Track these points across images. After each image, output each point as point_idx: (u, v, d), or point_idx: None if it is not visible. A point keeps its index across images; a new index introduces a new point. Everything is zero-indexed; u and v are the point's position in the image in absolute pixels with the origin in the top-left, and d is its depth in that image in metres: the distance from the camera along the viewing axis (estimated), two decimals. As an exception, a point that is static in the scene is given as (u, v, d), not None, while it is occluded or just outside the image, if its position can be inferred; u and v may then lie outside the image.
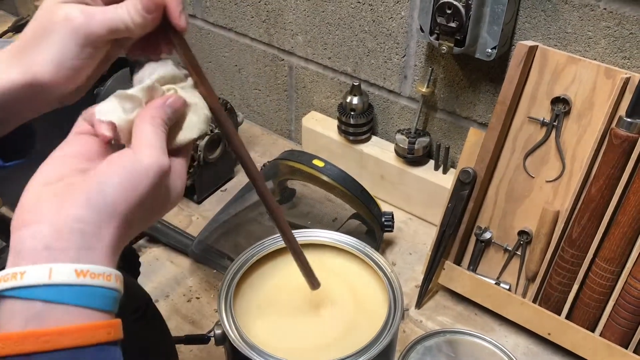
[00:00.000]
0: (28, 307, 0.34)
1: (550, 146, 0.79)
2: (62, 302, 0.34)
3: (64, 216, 0.35)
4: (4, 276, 0.34)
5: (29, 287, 0.34)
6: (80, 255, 0.35)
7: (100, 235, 0.36)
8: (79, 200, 0.36)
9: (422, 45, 0.93)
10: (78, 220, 0.35)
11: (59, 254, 0.35)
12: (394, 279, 0.63)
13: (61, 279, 0.34)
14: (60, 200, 0.36)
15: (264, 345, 0.56)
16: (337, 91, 1.08)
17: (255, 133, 1.24)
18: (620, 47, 0.75)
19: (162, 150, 0.40)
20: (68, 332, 0.34)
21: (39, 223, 0.35)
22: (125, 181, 0.37)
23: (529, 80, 0.78)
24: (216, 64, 1.24)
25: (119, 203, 0.37)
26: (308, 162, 0.91)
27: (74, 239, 0.35)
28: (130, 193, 0.37)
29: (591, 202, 0.75)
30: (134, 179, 0.37)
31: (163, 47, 0.45)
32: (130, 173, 0.37)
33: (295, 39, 1.07)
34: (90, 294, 0.35)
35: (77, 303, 0.34)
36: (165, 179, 0.40)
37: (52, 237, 0.35)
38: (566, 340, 0.80)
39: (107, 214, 0.36)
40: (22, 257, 0.35)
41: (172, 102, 0.42)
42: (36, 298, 0.34)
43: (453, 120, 0.97)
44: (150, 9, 0.41)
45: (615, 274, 0.75)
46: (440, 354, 0.79)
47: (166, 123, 0.41)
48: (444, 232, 0.84)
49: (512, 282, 0.86)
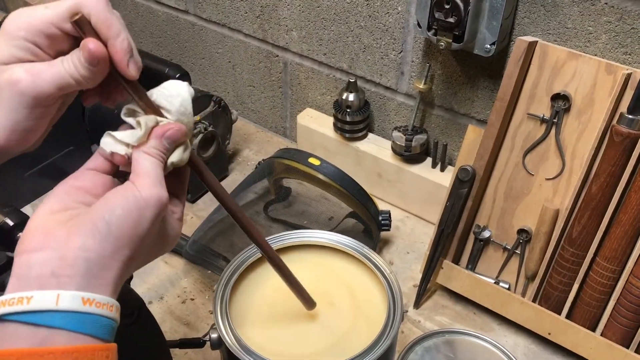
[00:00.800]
0: (33, 332, 0.34)
1: (550, 143, 0.78)
2: (67, 329, 0.35)
3: (71, 244, 0.36)
4: (9, 300, 0.34)
5: (35, 312, 0.34)
6: (86, 283, 0.36)
7: (105, 265, 0.37)
8: (85, 229, 0.37)
9: (419, 41, 0.91)
10: (84, 249, 0.36)
11: (66, 280, 0.35)
12: (393, 281, 0.61)
13: (68, 305, 0.35)
14: (67, 229, 0.37)
15: (261, 350, 0.55)
16: (332, 88, 1.07)
17: (250, 130, 1.23)
18: (621, 43, 0.74)
19: (160, 183, 0.41)
20: (70, 352, 0.34)
21: (45, 250, 0.36)
22: (127, 212, 0.38)
23: (528, 77, 0.77)
24: (209, 60, 1.22)
25: (123, 233, 0.38)
26: (304, 160, 0.89)
27: (80, 266, 0.36)
28: (134, 223, 0.38)
29: (592, 200, 0.74)
30: (136, 211, 0.39)
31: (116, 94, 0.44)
32: (131, 204, 0.39)
33: (289, 35, 1.06)
34: (94, 322, 0.36)
35: (81, 330, 0.35)
36: (164, 210, 0.41)
37: (59, 264, 0.36)
38: (566, 340, 0.79)
39: (112, 244, 0.37)
40: (27, 283, 0.35)
41: (171, 134, 0.42)
42: (42, 324, 0.34)
43: (451, 117, 0.95)
44: (93, 62, 0.39)
45: (616, 273, 0.74)
46: (439, 354, 0.78)
47: (163, 154, 0.42)
48: (442, 230, 0.83)
49: (511, 281, 0.85)
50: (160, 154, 0.42)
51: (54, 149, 1.04)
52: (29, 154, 1.11)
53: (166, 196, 0.41)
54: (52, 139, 1.02)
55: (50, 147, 1.04)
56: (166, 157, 0.43)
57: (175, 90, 0.44)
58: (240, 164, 1.14)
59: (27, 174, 1.01)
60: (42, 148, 1.03)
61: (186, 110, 0.44)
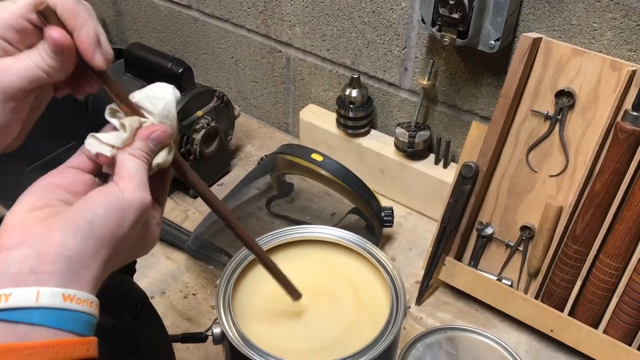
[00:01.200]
0: (12, 329, 0.34)
1: (554, 140, 0.77)
2: (47, 325, 0.34)
3: (51, 241, 0.35)
4: None
5: (14, 310, 0.34)
6: (66, 281, 0.35)
7: (85, 264, 0.36)
8: (66, 227, 0.36)
9: (423, 37, 0.91)
10: (65, 247, 0.36)
11: (45, 277, 0.35)
12: (396, 277, 0.61)
13: (48, 302, 0.34)
14: (46, 226, 0.36)
15: (264, 345, 0.55)
16: (335, 84, 1.06)
17: (252, 126, 1.22)
18: (626, 39, 0.74)
19: (144, 185, 0.40)
20: (51, 346, 0.34)
21: (23, 247, 0.35)
22: (110, 213, 0.38)
23: (532, 73, 0.77)
24: (212, 55, 1.22)
25: (105, 234, 0.37)
26: (307, 156, 0.89)
27: (60, 264, 0.35)
28: (115, 225, 0.38)
29: (595, 197, 0.73)
30: (118, 212, 0.38)
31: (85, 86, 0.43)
32: (114, 205, 0.38)
33: (293, 31, 1.05)
34: (75, 318, 0.35)
35: (61, 327, 0.34)
36: (146, 213, 0.40)
37: (38, 261, 0.35)
38: (569, 337, 0.79)
39: (93, 244, 0.37)
40: (5, 280, 0.34)
41: (156, 136, 0.42)
42: (21, 320, 0.34)
43: (454, 114, 0.95)
44: (58, 51, 0.38)
45: (619, 270, 0.74)
46: (441, 351, 0.78)
47: (148, 156, 0.41)
48: (445, 227, 0.83)
49: (514, 278, 0.85)
50: (145, 155, 0.41)
51: (56, 144, 1.04)
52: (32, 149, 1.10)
53: (149, 199, 0.40)
54: (54, 134, 1.03)
55: (52, 142, 1.04)
56: (151, 159, 0.42)
57: (160, 93, 0.44)
58: (243, 159, 1.14)
59: (28, 169, 1.01)
60: (44, 143, 1.04)
61: (169, 114, 0.44)
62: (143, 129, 0.42)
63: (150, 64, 0.98)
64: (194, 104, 0.97)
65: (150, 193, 0.41)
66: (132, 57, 1.00)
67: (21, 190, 1.14)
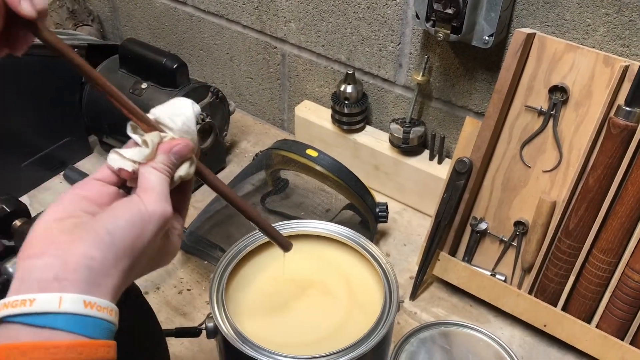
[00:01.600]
0: (35, 333, 0.35)
1: (548, 135, 0.78)
2: (69, 330, 0.35)
3: (74, 251, 0.37)
4: (12, 302, 0.35)
5: (37, 314, 0.35)
6: (88, 289, 0.37)
7: (107, 273, 0.38)
8: (89, 238, 0.38)
9: (417, 33, 0.91)
10: (87, 257, 0.37)
11: (68, 285, 0.36)
12: (389, 270, 0.61)
13: (70, 308, 0.35)
14: (71, 236, 0.38)
15: (257, 339, 0.55)
16: (330, 80, 1.06)
17: (248, 122, 1.22)
18: (619, 35, 0.74)
19: (165, 197, 0.42)
20: (75, 346, 0.35)
21: (48, 255, 0.37)
22: (131, 225, 0.39)
23: (526, 69, 0.77)
24: (207, 51, 1.22)
25: (126, 245, 0.39)
26: (301, 151, 0.89)
27: (82, 273, 0.37)
28: (136, 236, 0.39)
29: (589, 192, 0.74)
30: (139, 224, 0.40)
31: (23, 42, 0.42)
32: (135, 217, 0.40)
33: (288, 26, 1.05)
34: (95, 325, 0.37)
35: (83, 332, 0.36)
36: (167, 224, 0.42)
37: (61, 269, 0.36)
38: (562, 332, 0.79)
39: (114, 254, 0.38)
40: (30, 286, 0.36)
41: (178, 149, 0.44)
42: (44, 325, 0.35)
43: (448, 110, 0.95)
44: None
45: (612, 265, 0.74)
46: (435, 346, 0.78)
47: (170, 169, 0.43)
48: (439, 222, 0.83)
49: (507, 274, 0.85)
50: (167, 168, 0.43)
51: (51, 140, 1.04)
52: (26, 144, 1.10)
53: (170, 211, 0.42)
54: (49, 130, 1.03)
55: (47, 137, 1.04)
56: (173, 172, 0.44)
57: (179, 108, 0.45)
58: (238, 155, 1.14)
59: (24, 164, 1.01)
60: (39, 139, 1.04)
61: (189, 129, 0.45)
62: (165, 143, 0.43)
63: (144, 60, 0.98)
64: (188, 99, 0.97)
65: (172, 205, 0.43)
66: (127, 53, 0.99)
67: (16, 185, 1.14)
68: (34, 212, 0.89)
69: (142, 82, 0.98)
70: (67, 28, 1.23)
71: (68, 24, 1.24)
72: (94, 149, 1.12)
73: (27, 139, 1.01)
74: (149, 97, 0.97)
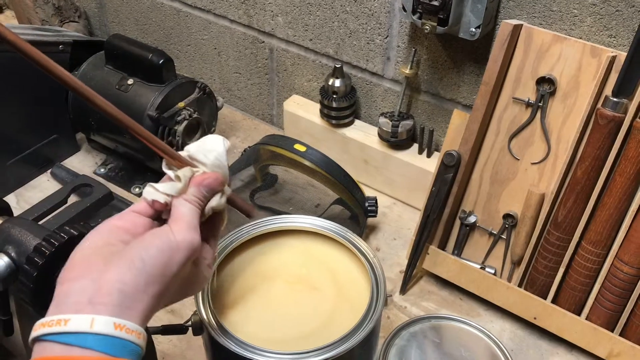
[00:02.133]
0: (68, 350, 0.37)
1: (536, 127, 0.77)
2: (99, 350, 0.38)
3: (108, 276, 0.40)
4: (49, 322, 0.38)
5: (70, 333, 0.38)
6: (119, 312, 0.39)
7: (137, 297, 0.40)
8: (122, 264, 0.41)
9: (405, 26, 0.90)
10: (120, 282, 0.40)
11: (101, 308, 0.39)
12: (377, 265, 0.61)
13: (101, 329, 0.38)
14: (105, 262, 0.41)
15: (243, 335, 0.54)
16: (319, 74, 1.06)
17: (236, 118, 1.22)
18: (606, 25, 0.74)
19: (194, 228, 0.45)
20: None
21: (83, 279, 0.40)
22: (160, 252, 0.42)
23: (513, 60, 0.76)
24: (195, 47, 1.21)
25: (156, 271, 0.41)
26: (289, 146, 0.88)
27: (115, 297, 0.39)
28: (165, 263, 0.42)
29: (577, 184, 0.73)
30: (168, 251, 0.42)
31: None
32: (165, 245, 0.42)
33: (275, 20, 1.04)
34: (124, 346, 0.39)
35: (111, 353, 0.38)
36: (195, 253, 0.45)
37: (96, 292, 0.39)
38: (552, 324, 0.79)
39: (145, 279, 0.41)
40: (66, 307, 0.39)
41: (209, 183, 0.47)
42: (76, 344, 0.37)
43: (437, 103, 0.95)
44: None
45: (601, 256, 0.74)
46: (426, 339, 0.77)
47: (201, 201, 0.47)
48: (428, 216, 0.83)
49: (497, 267, 0.85)
50: (198, 200, 0.46)
51: (38, 137, 1.03)
52: (13, 142, 1.09)
53: (198, 241, 0.45)
54: (35, 128, 1.02)
55: (33, 135, 1.03)
56: (203, 204, 0.47)
57: (211, 145, 0.49)
58: (227, 151, 1.13)
59: (9, 162, 1.00)
60: (25, 137, 1.02)
61: (221, 163, 0.49)
62: (196, 177, 0.47)
63: (130, 56, 0.97)
64: (175, 95, 0.96)
65: (202, 236, 0.46)
66: (112, 49, 0.99)
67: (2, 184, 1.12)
68: (20, 211, 0.88)
69: (128, 78, 0.98)
70: (53, 24, 1.22)
71: (54, 21, 1.23)
72: (82, 147, 1.11)
73: (12, 136, 1.00)
74: (135, 93, 0.96)
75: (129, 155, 1.05)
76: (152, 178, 1.04)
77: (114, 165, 1.08)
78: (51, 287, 0.41)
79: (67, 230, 0.53)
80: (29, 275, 0.51)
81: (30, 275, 0.51)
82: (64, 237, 0.52)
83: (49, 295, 0.42)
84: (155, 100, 0.94)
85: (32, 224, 0.58)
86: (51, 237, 0.52)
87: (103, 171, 1.06)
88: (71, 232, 0.53)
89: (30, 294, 0.52)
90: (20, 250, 0.54)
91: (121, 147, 1.04)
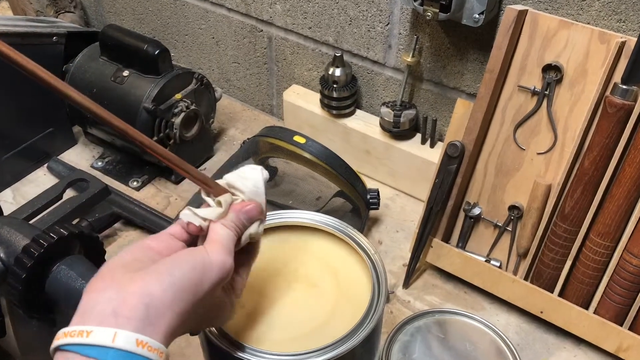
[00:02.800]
0: None
1: (542, 116, 0.75)
2: None
3: (134, 288, 0.39)
4: (71, 332, 0.37)
5: (92, 346, 0.37)
6: (142, 328, 0.38)
7: (162, 313, 0.39)
8: (149, 277, 0.40)
9: (406, 12, 0.88)
10: (145, 294, 0.39)
11: (124, 321, 0.38)
12: (378, 262, 0.59)
13: (123, 344, 0.37)
14: (133, 275, 0.40)
15: (240, 335, 0.53)
16: (319, 63, 1.03)
17: (236, 109, 1.19)
18: (615, 9, 0.71)
19: (229, 251, 0.45)
20: None
21: (109, 291, 0.39)
22: (192, 268, 0.42)
23: (518, 47, 0.74)
24: (192, 36, 1.18)
25: (185, 287, 0.41)
26: (289, 138, 0.86)
27: (139, 311, 0.38)
28: (196, 281, 0.42)
29: (584, 174, 0.71)
30: (200, 269, 0.42)
31: None
32: (197, 262, 0.42)
33: (273, 8, 1.02)
34: None
35: None
36: (227, 276, 0.44)
37: (120, 305, 0.38)
38: (559, 318, 0.77)
39: (172, 293, 0.40)
40: (89, 318, 0.38)
41: (249, 209, 0.48)
42: (97, 357, 0.37)
43: (440, 91, 0.92)
44: None
45: (610, 249, 0.72)
46: (430, 334, 0.76)
47: (239, 228, 0.47)
48: (432, 208, 0.81)
49: (502, 259, 0.83)
50: (235, 227, 0.47)
51: (34, 131, 1.01)
52: (8, 136, 1.08)
53: (231, 263, 0.44)
54: (31, 122, 1.00)
55: (29, 128, 1.01)
56: (241, 231, 0.47)
57: (249, 174, 0.50)
58: (226, 143, 1.11)
59: (5, 157, 0.98)
60: (21, 131, 1.01)
61: (258, 191, 0.49)
62: (237, 204, 0.48)
63: (125, 47, 0.95)
64: (172, 87, 0.94)
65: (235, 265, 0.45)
66: (107, 40, 0.96)
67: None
68: (17, 206, 0.87)
69: (123, 70, 0.95)
70: (48, 15, 1.20)
71: (49, 11, 1.21)
72: (79, 140, 1.10)
73: (8, 130, 0.98)
74: (131, 85, 0.94)
75: (127, 148, 1.03)
76: (149, 171, 1.03)
77: (111, 158, 1.06)
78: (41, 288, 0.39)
79: (56, 230, 0.51)
80: (18, 277, 0.50)
81: (19, 277, 0.49)
82: (54, 238, 0.51)
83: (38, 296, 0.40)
84: (152, 92, 0.92)
85: (22, 223, 0.57)
86: (40, 237, 0.50)
87: (100, 164, 1.05)
88: (61, 232, 0.51)
89: (18, 295, 0.50)
90: (9, 251, 0.53)
91: (118, 140, 1.03)
